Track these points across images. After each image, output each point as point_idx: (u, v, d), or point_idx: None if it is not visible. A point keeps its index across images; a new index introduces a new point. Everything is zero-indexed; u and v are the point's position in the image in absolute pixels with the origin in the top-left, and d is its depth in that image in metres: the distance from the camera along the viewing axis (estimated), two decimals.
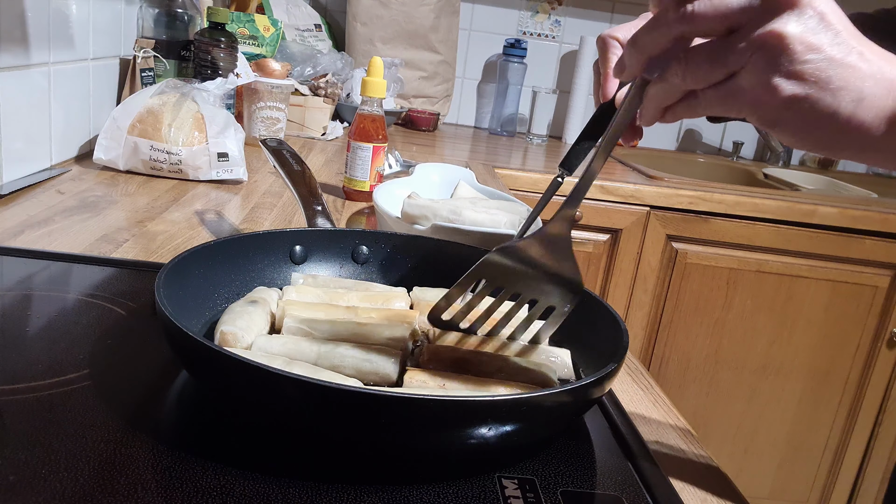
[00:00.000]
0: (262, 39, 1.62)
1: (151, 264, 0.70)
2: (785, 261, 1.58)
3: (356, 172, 1.07)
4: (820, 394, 1.69)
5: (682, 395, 1.66)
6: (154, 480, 0.38)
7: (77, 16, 1.04)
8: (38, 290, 0.62)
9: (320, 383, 0.38)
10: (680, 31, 0.39)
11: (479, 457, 0.44)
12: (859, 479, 1.76)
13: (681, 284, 1.58)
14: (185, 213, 0.90)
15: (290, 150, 0.78)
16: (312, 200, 0.71)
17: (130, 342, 0.54)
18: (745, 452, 1.72)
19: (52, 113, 1.00)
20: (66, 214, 0.83)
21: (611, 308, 0.54)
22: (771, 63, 0.38)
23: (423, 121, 1.95)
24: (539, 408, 0.42)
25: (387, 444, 0.41)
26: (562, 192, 0.54)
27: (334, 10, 2.08)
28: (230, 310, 0.53)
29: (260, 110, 1.35)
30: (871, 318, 1.63)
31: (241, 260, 0.60)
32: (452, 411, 0.39)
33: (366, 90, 1.05)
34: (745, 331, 1.62)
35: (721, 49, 0.39)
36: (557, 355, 0.55)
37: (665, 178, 1.58)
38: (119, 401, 0.45)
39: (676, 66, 0.40)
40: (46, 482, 0.36)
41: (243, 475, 0.39)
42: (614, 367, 0.45)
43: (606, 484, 0.44)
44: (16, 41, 0.89)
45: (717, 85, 0.40)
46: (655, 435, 0.53)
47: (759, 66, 0.38)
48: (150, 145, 1.02)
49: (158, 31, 1.25)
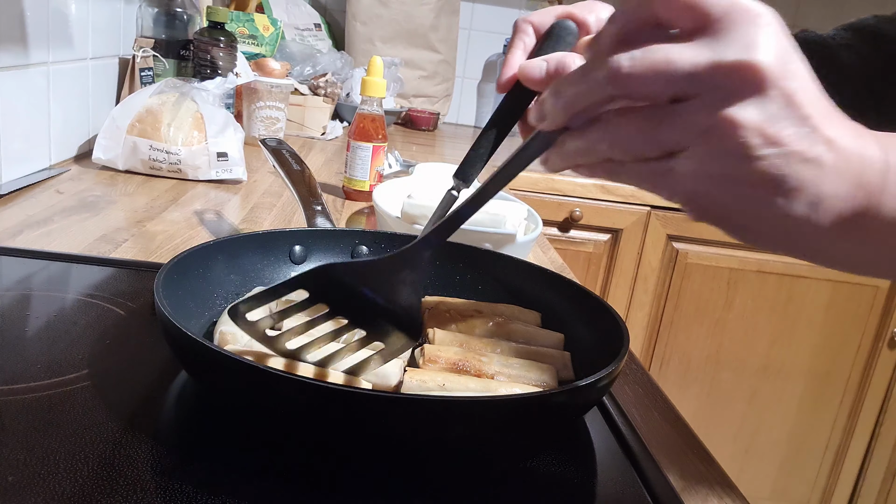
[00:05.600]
0: (261, 39, 1.62)
1: (151, 264, 0.69)
2: (786, 261, 1.57)
3: (356, 172, 1.06)
4: (821, 394, 1.68)
5: (683, 395, 1.66)
6: (153, 480, 0.38)
7: (76, 15, 1.04)
8: (36, 290, 0.62)
9: (320, 384, 0.38)
10: (609, 93, 0.32)
11: (478, 457, 0.43)
12: (860, 479, 1.75)
13: (681, 284, 1.58)
14: (185, 213, 0.90)
15: (290, 149, 0.78)
16: (312, 200, 0.71)
17: (130, 342, 0.54)
18: (746, 453, 1.72)
19: (50, 113, 1.00)
20: (65, 214, 0.83)
21: (611, 308, 0.54)
22: (717, 154, 0.31)
23: (423, 120, 1.95)
24: (539, 408, 0.41)
25: (387, 445, 0.41)
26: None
27: (334, 9, 2.07)
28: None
29: (259, 110, 1.35)
30: (871, 318, 1.63)
31: (241, 260, 0.60)
32: (452, 411, 0.38)
33: (365, 90, 1.05)
34: (746, 331, 1.62)
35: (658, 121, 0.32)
36: (557, 356, 0.54)
37: None
38: (118, 401, 0.45)
39: (603, 130, 0.33)
40: (45, 482, 0.36)
41: (243, 475, 0.39)
42: (615, 367, 0.45)
43: (607, 484, 0.44)
44: (14, 41, 0.89)
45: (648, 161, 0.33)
46: (656, 435, 0.52)
47: (702, 154, 0.31)
48: (149, 145, 1.02)
49: (158, 30, 1.25)
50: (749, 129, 0.30)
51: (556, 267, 0.91)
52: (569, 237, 1.53)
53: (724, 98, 0.30)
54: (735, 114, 0.30)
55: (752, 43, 0.30)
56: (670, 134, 0.32)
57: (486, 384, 0.48)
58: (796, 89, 0.31)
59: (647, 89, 0.31)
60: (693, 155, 0.32)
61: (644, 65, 0.31)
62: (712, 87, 0.30)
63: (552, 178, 1.49)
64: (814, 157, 0.31)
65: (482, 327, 0.57)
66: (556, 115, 0.35)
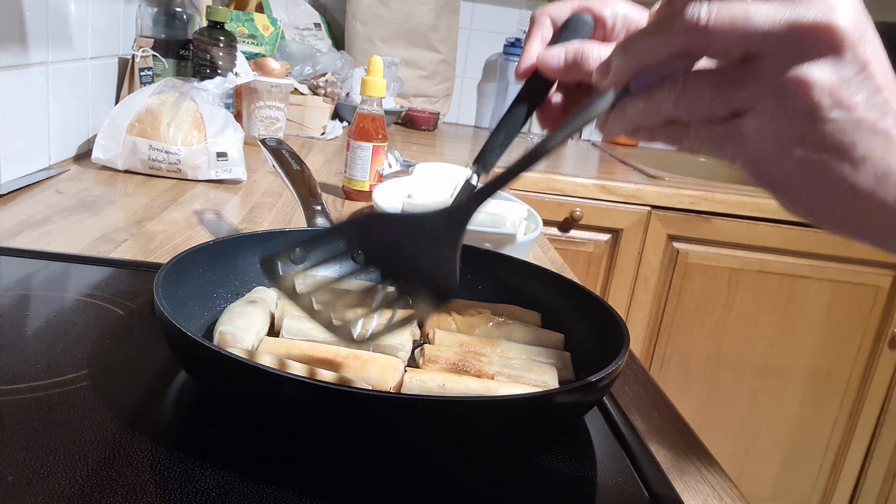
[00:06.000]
0: (261, 38, 1.61)
1: (150, 264, 0.69)
2: (786, 261, 1.57)
3: (356, 172, 1.06)
4: (821, 394, 1.68)
5: (684, 395, 1.66)
6: (153, 480, 0.38)
7: (75, 15, 1.04)
8: (36, 290, 0.61)
9: (320, 384, 0.38)
10: (685, 45, 0.32)
11: (478, 458, 0.43)
12: (861, 480, 1.75)
13: (682, 285, 1.58)
14: (184, 213, 0.90)
15: (290, 149, 0.78)
16: (312, 200, 0.71)
17: (129, 342, 0.53)
18: (747, 453, 1.72)
19: (50, 112, 1.00)
20: (64, 214, 0.83)
21: (611, 308, 0.54)
22: (786, 113, 0.31)
23: (423, 120, 1.94)
24: (539, 408, 0.41)
25: (387, 445, 0.41)
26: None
27: (334, 8, 2.07)
28: (229, 310, 0.53)
29: (259, 110, 1.35)
30: (872, 318, 1.62)
31: (241, 260, 0.60)
32: (452, 411, 0.38)
33: (365, 89, 1.04)
34: (747, 331, 1.62)
35: (730, 79, 0.31)
36: (557, 356, 0.54)
37: (666, 178, 1.58)
38: (118, 401, 0.45)
39: (671, 87, 0.33)
40: (45, 482, 0.36)
41: (243, 475, 0.39)
42: (615, 367, 0.45)
43: (607, 484, 0.44)
44: (14, 40, 0.89)
45: (713, 122, 0.33)
46: (656, 435, 0.52)
47: (771, 113, 0.31)
48: (148, 145, 1.02)
49: (157, 30, 1.24)
50: (821, 90, 0.30)
51: (556, 267, 0.91)
52: (569, 237, 1.53)
53: (799, 57, 0.30)
54: (808, 73, 0.30)
55: (832, 5, 0.30)
56: (741, 90, 0.31)
57: (486, 384, 0.48)
58: (871, 58, 0.30)
59: (723, 43, 0.31)
60: (761, 114, 0.31)
61: (722, 17, 0.30)
62: (788, 45, 0.30)
63: (552, 177, 1.49)
64: (883, 129, 0.30)
65: (482, 327, 0.57)
66: (623, 67, 0.34)
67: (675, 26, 0.31)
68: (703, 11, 0.31)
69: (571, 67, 0.45)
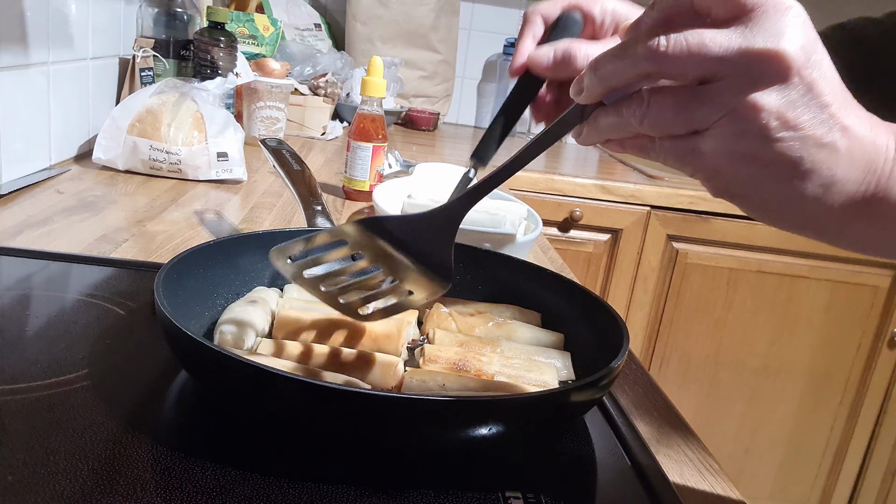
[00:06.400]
0: (261, 39, 1.62)
1: (151, 264, 0.69)
2: (785, 261, 1.58)
3: (356, 172, 1.06)
4: (820, 394, 1.68)
5: (683, 395, 1.66)
6: (153, 480, 0.38)
7: (76, 15, 1.04)
8: (37, 290, 0.62)
9: (320, 384, 0.38)
10: (646, 70, 0.35)
11: (478, 457, 0.43)
12: (860, 479, 1.75)
13: (681, 284, 1.58)
14: (185, 213, 0.90)
15: (290, 149, 0.78)
16: (312, 200, 0.71)
17: (130, 342, 0.54)
18: (746, 453, 1.72)
19: (51, 112, 1.00)
20: (65, 214, 0.83)
21: (611, 308, 0.54)
22: (739, 134, 0.33)
23: (423, 120, 1.95)
24: (539, 408, 0.41)
25: (387, 445, 0.41)
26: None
27: (334, 9, 2.07)
28: (230, 310, 0.53)
29: (259, 110, 1.35)
30: (871, 318, 1.63)
31: (241, 260, 0.60)
32: (452, 411, 0.39)
33: (365, 90, 1.05)
34: (746, 331, 1.62)
35: (688, 100, 0.34)
36: (557, 356, 0.54)
37: (665, 178, 1.58)
38: (118, 401, 0.45)
39: (637, 106, 0.36)
40: (45, 482, 0.36)
41: (243, 475, 0.39)
42: (615, 367, 0.45)
43: (606, 484, 0.44)
44: (15, 40, 0.89)
45: (676, 138, 0.35)
46: (656, 435, 0.53)
47: (725, 133, 0.34)
48: (149, 145, 1.02)
49: (158, 30, 1.24)
50: (769, 113, 0.33)
51: (556, 267, 0.91)
52: (569, 237, 1.53)
53: (750, 82, 0.33)
54: (758, 97, 0.32)
55: (780, 32, 0.32)
56: (699, 110, 0.34)
57: (486, 384, 0.48)
58: (817, 78, 0.33)
59: (681, 68, 0.33)
60: (717, 134, 0.34)
61: (681, 45, 0.33)
62: (740, 70, 0.33)
63: (552, 177, 1.49)
64: (829, 143, 0.33)
65: (482, 327, 0.57)
66: (593, 87, 0.37)
67: (639, 51, 0.34)
68: (662, 39, 0.34)
69: (560, 66, 0.47)
